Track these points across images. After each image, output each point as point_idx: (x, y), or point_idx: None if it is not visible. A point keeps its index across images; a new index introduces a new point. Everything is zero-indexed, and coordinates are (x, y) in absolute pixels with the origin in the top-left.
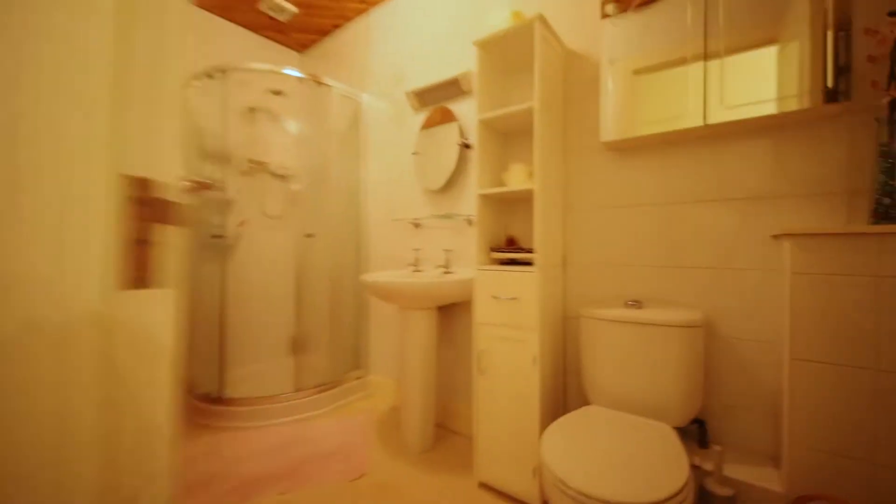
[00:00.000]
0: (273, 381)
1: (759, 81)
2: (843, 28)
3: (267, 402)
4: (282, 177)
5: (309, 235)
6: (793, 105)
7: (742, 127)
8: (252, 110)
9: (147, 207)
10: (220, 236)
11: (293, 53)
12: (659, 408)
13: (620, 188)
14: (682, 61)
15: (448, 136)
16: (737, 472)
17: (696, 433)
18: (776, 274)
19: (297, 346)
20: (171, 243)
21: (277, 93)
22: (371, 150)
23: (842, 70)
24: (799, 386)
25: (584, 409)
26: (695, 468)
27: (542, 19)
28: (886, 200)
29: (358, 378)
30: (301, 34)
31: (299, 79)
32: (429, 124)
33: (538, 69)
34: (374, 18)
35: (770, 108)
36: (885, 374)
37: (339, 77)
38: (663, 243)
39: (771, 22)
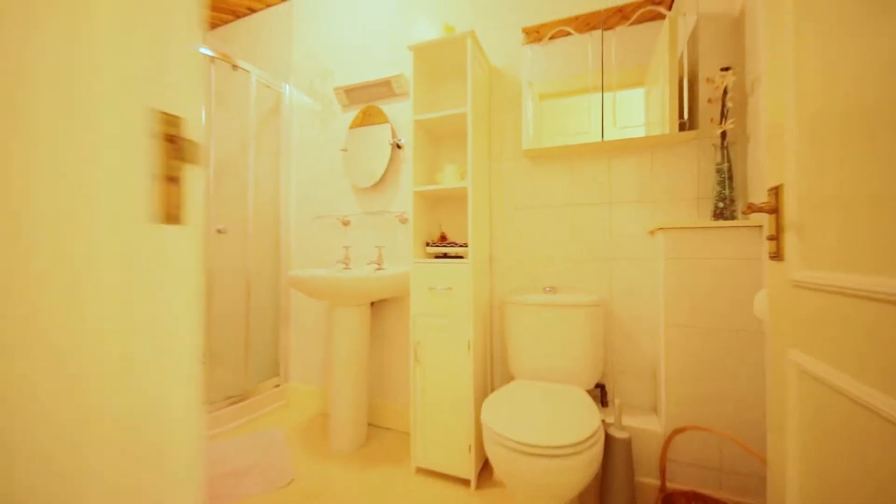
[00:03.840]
0: None
1: (638, 111)
2: (692, 76)
3: None
4: None
5: (220, 231)
6: (658, 131)
7: (627, 145)
8: None
9: (176, 145)
10: None
11: None
12: (571, 375)
13: (536, 191)
14: (585, 88)
15: (380, 135)
16: (628, 421)
17: (598, 395)
18: (651, 261)
19: (204, 354)
20: (194, 182)
21: None
22: (293, 145)
23: (691, 107)
24: (670, 345)
25: (511, 383)
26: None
27: (473, 36)
28: (720, 204)
29: (276, 387)
30: (208, 11)
31: (208, 57)
32: (360, 123)
33: (471, 78)
34: (297, 7)
35: (644, 132)
36: (725, 332)
37: (255, 65)
38: (571, 239)
39: (641, 67)
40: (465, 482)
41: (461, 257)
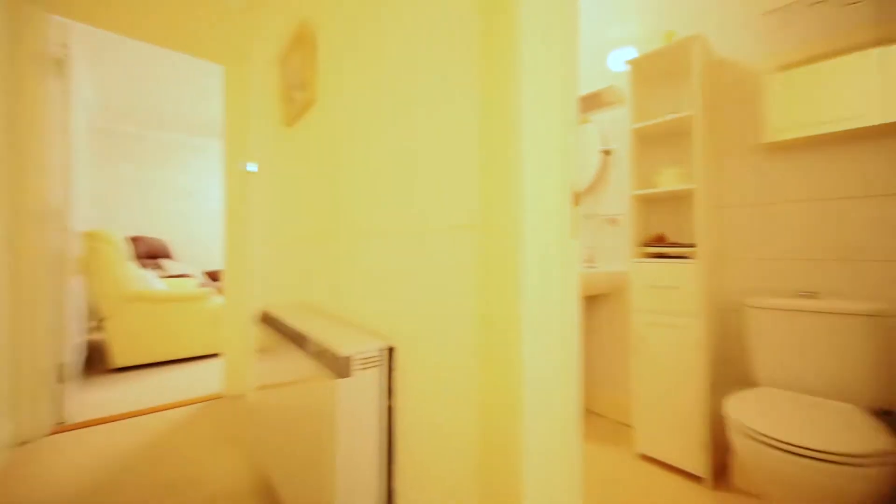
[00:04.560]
0: None
1: None
2: None
3: None
4: None
5: None
6: None
7: None
8: None
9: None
10: None
11: None
12: (841, 392)
13: (774, 186)
14: (848, 48)
15: (588, 142)
16: None
17: (888, 424)
18: None
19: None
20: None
21: None
22: None
23: None
24: None
25: (759, 389)
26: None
27: (700, 37)
28: None
29: None
30: None
31: None
32: None
33: (696, 82)
34: None
35: None
36: None
37: None
38: (828, 237)
39: None
40: (695, 478)
41: (683, 257)
